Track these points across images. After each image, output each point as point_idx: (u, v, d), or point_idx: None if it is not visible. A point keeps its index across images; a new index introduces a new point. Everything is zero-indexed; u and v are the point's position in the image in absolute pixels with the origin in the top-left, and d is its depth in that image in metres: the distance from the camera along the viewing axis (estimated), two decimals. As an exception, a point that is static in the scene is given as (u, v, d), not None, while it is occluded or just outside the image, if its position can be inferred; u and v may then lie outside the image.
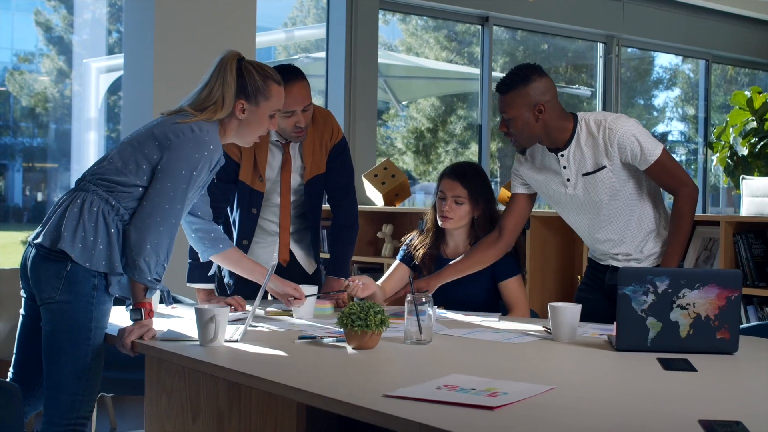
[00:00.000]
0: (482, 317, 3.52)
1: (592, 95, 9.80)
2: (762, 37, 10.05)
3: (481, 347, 2.89)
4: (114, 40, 8.14)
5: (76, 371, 2.92)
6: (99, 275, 2.94)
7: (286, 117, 3.63)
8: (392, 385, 2.24)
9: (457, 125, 9.93)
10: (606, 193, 3.42)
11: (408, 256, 3.91)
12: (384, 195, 6.40)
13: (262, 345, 2.83)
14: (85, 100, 8.05)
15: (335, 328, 3.13)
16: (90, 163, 3.28)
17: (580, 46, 9.89)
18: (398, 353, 2.76)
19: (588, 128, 3.40)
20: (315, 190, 3.86)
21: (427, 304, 2.89)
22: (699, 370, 2.51)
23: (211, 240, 3.34)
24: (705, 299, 2.73)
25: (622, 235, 3.49)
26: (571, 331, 2.97)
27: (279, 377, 2.35)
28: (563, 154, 3.44)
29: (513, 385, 2.24)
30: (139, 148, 3.00)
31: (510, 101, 3.37)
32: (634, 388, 2.31)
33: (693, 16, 9.36)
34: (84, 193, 2.98)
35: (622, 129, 3.35)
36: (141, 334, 2.90)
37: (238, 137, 3.18)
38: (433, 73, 9.92)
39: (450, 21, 8.73)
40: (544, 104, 3.35)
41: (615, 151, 3.36)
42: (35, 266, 2.96)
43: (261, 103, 3.12)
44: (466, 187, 3.73)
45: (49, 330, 2.93)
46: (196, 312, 2.79)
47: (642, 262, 3.50)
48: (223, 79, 3.07)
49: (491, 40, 8.28)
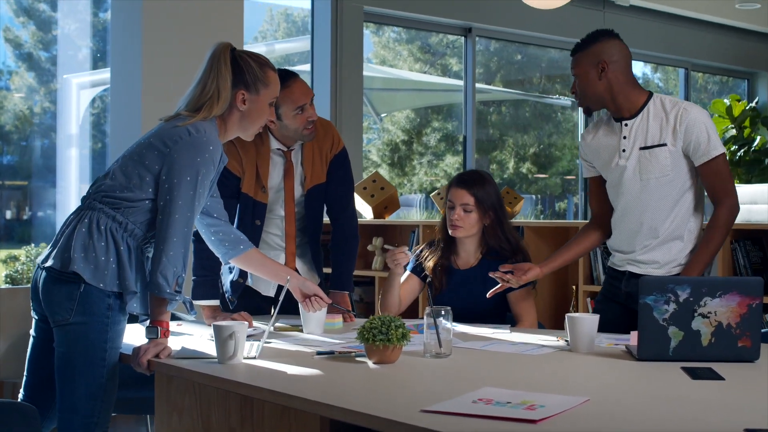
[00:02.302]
0: (493, 329, 3.50)
1: (573, 105, 9.84)
2: (740, 45, 10.14)
3: (502, 360, 2.87)
4: (84, 56, 8.07)
5: (90, 393, 2.87)
6: (113, 295, 2.89)
7: (297, 115, 3.61)
8: (425, 400, 2.21)
9: (432, 137, 9.93)
10: (655, 173, 3.41)
11: (418, 267, 3.89)
12: (373, 207, 6.37)
13: (281, 361, 2.80)
14: (65, 117, 7.98)
15: (351, 343, 3.10)
16: (72, 179, 3.23)
17: (554, 56, 9.93)
18: (420, 367, 2.73)
19: (662, 104, 3.44)
20: (315, 200, 3.83)
21: (447, 317, 2.87)
22: (726, 378, 2.51)
23: (231, 242, 3.28)
24: (726, 307, 2.73)
25: (656, 225, 3.45)
26: (590, 342, 2.96)
27: (309, 394, 2.32)
28: (627, 124, 3.46)
29: (547, 397, 2.23)
30: (140, 161, 2.95)
31: (577, 60, 3.50)
32: (668, 398, 2.30)
33: (671, 25, 9.43)
34: (90, 212, 2.94)
35: (696, 113, 3.37)
36: (157, 352, 2.85)
37: (241, 130, 3.12)
38: (412, 85, 9.92)
39: (424, 32, 8.75)
40: (608, 63, 3.42)
41: (681, 132, 3.36)
42: (47, 288, 2.91)
43: (261, 91, 3.07)
44: (473, 195, 3.72)
45: (64, 351, 2.88)
46: (214, 329, 2.76)
47: (662, 267, 3.48)
48: (217, 71, 3.01)
49: (474, 51, 8.30)
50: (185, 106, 3.03)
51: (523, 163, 9.98)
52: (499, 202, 3.78)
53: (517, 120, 10.18)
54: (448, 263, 3.84)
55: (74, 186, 7.30)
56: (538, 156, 10.15)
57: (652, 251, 3.47)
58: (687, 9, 9.24)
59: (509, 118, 10.17)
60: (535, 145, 10.11)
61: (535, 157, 10.10)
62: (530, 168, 9.95)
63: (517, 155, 9.92)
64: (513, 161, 9.88)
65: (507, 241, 3.77)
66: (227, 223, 3.29)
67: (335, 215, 3.90)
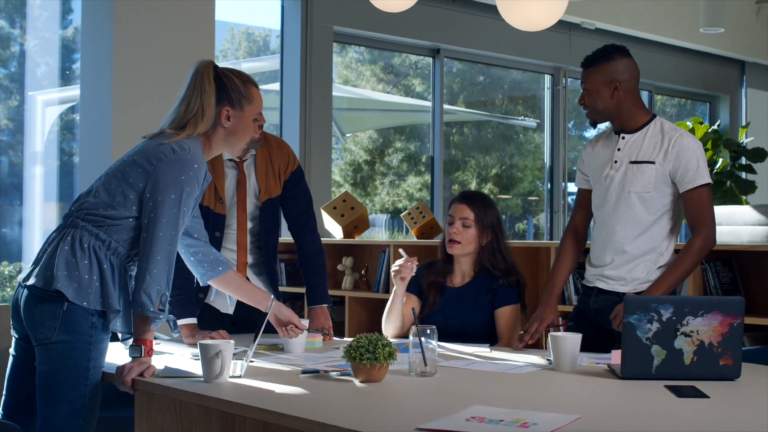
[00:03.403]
0: (473, 347, 3.52)
1: (538, 126, 9.91)
2: (703, 69, 10.29)
3: (488, 378, 2.89)
4: (42, 72, 8.01)
5: (72, 411, 2.85)
6: (96, 313, 2.87)
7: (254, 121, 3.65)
8: (418, 418, 2.22)
9: (395, 157, 9.95)
10: (637, 188, 3.47)
11: (414, 284, 3.89)
12: (343, 227, 6.37)
13: (266, 380, 2.79)
14: (30, 134, 7.92)
15: (335, 362, 3.10)
16: (37, 197, 3.22)
17: (517, 77, 10.00)
18: (408, 386, 2.74)
19: (662, 126, 3.52)
20: (270, 215, 3.85)
21: (431, 336, 2.88)
22: (710, 396, 2.54)
23: (210, 263, 3.26)
24: (708, 326, 2.77)
25: (626, 241, 3.51)
26: (573, 361, 2.99)
27: (300, 412, 2.32)
28: (624, 137, 3.54)
29: (538, 415, 2.24)
30: (124, 179, 2.94)
31: (589, 74, 3.55)
32: (656, 416, 2.33)
33: (637, 49, 9.54)
34: (73, 230, 2.92)
35: (689, 141, 3.45)
36: (141, 371, 2.83)
37: (227, 146, 3.12)
38: (376, 105, 9.94)
39: (387, 53, 8.79)
40: (620, 82, 3.48)
41: (672, 156, 3.42)
42: (29, 307, 2.88)
43: (245, 108, 3.07)
44: (473, 211, 3.77)
45: (45, 370, 2.86)
46: (200, 348, 2.74)
47: (628, 284, 3.52)
48: (201, 89, 3.00)
49: (442, 71, 8.35)
50: (169, 124, 3.02)
51: (486, 184, 10.02)
52: (499, 224, 3.83)
53: (479, 141, 10.23)
54: (443, 282, 3.86)
55: (38, 203, 7.24)
56: (500, 177, 10.20)
57: (620, 268, 3.54)
58: (652, 33, 9.37)
59: (472, 139, 10.22)
60: (497, 166, 10.16)
61: (497, 178, 10.14)
62: (492, 189, 9.99)
63: (480, 176, 9.95)
64: (475, 182, 9.91)
65: (503, 261, 3.80)
66: (207, 243, 3.28)
67: (298, 232, 3.94)
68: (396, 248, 5.90)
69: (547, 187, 9.66)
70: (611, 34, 9.23)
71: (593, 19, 8.81)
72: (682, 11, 9.38)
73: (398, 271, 3.69)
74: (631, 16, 9.11)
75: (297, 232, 3.94)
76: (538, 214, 10.26)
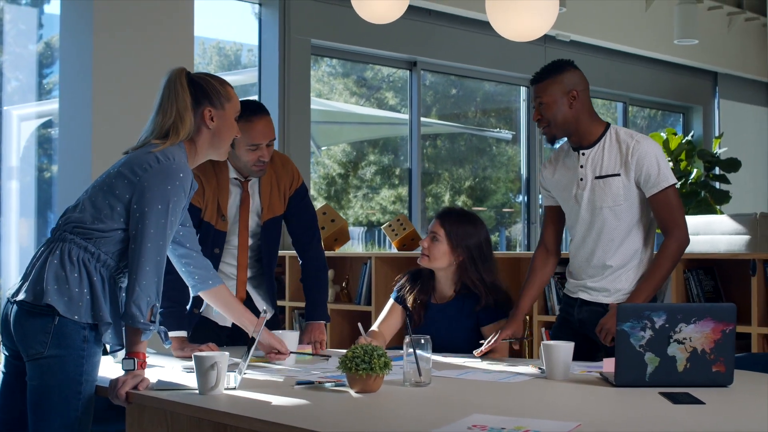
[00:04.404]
0: (464, 358, 3.53)
1: (513, 138, 9.96)
2: (676, 80, 10.39)
3: (482, 387, 2.89)
4: (13, 88, 7.98)
5: (65, 426, 2.82)
6: (88, 327, 2.85)
7: (250, 151, 3.63)
8: (419, 427, 2.24)
9: (368, 170, 9.96)
10: (608, 203, 3.49)
11: (400, 298, 3.90)
12: (324, 240, 6.38)
13: (262, 391, 2.78)
14: (6, 149, 7.87)
15: (328, 373, 3.10)
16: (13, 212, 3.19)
17: (489, 89, 10.04)
18: (403, 396, 2.74)
19: (617, 136, 3.52)
20: (271, 232, 3.84)
21: (426, 346, 2.88)
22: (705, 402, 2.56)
23: (201, 276, 3.24)
24: (701, 333, 2.79)
25: (606, 255, 3.53)
26: (565, 369, 3.00)
27: (302, 423, 2.31)
28: (584, 153, 3.53)
29: (539, 422, 2.25)
30: (110, 191, 2.92)
31: (545, 87, 3.53)
32: (654, 421, 2.34)
33: (611, 60, 9.63)
34: (61, 243, 2.89)
35: (646, 146, 3.45)
36: (135, 384, 2.81)
37: (213, 149, 3.08)
38: (351, 118, 9.95)
39: (360, 65, 8.81)
40: (577, 92, 3.50)
41: (633, 164, 3.44)
42: (19, 322, 2.85)
43: (225, 106, 3.05)
44: (443, 226, 3.75)
45: (37, 385, 2.82)
46: (195, 360, 2.73)
47: (611, 295, 3.55)
48: (174, 95, 2.98)
49: (419, 84, 8.39)
50: (151, 135, 3.00)
51: (459, 196, 10.04)
52: (477, 242, 3.75)
53: (452, 153, 10.26)
54: (426, 298, 3.86)
55: (14, 219, 7.19)
56: (473, 189, 10.22)
57: (603, 280, 3.56)
58: (626, 44, 9.44)
59: (445, 151, 10.24)
60: (470, 179, 10.19)
61: (470, 191, 10.17)
62: (466, 201, 10.01)
63: (453, 188, 9.98)
64: (449, 194, 9.93)
65: (481, 281, 3.74)
66: (199, 254, 3.26)
67: (303, 248, 3.93)
68: (377, 260, 5.91)
69: (524, 199, 9.70)
70: (586, 46, 9.31)
71: (568, 31, 8.88)
72: (657, 23, 9.47)
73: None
74: (605, 29, 9.19)
75: (301, 249, 3.93)
76: (510, 226, 10.30)
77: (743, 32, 10.59)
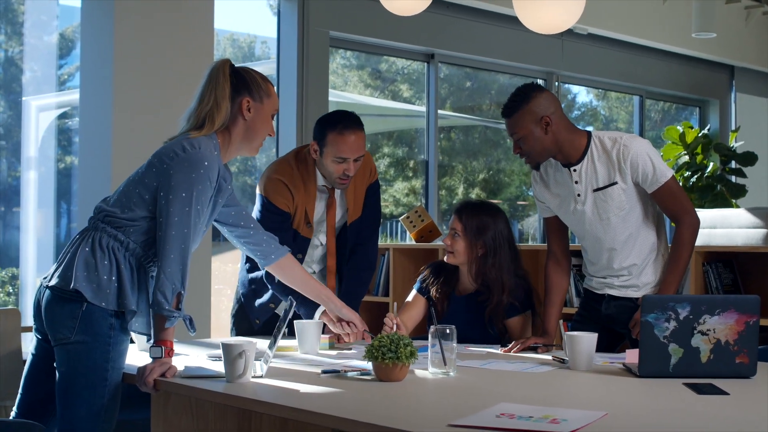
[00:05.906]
0: (486, 348, 3.55)
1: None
2: (693, 73, 10.36)
3: (507, 377, 2.92)
4: (27, 79, 8.02)
5: (91, 413, 2.85)
6: (115, 314, 2.88)
7: (337, 163, 3.65)
8: (447, 415, 2.25)
9: (382, 163, 9.98)
10: (614, 212, 3.48)
11: (424, 288, 3.92)
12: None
13: (288, 380, 2.80)
14: (25, 139, 7.92)
15: (352, 362, 3.12)
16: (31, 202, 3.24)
17: (504, 81, 10.03)
18: (429, 385, 2.76)
19: (602, 144, 3.48)
20: (351, 234, 3.89)
21: (450, 336, 2.90)
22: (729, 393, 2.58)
23: (262, 251, 3.32)
24: (725, 325, 2.80)
25: (625, 259, 3.54)
26: (589, 360, 3.02)
27: (330, 410, 2.33)
28: (575, 169, 3.50)
29: (566, 411, 2.27)
30: (140, 180, 2.96)
31: (516, 121, 3.45)
32: (679, 412, 2.36)
33: (629, 54, 9.61)
34: (94, 232, 2.94)
35: (636, 147, 3.43)
36: (162, 371, 2.83)
37: (246, 141, 3.09)
38: (367, 110, 9.95)
39: (374, 57, 8.82)
40: (549, 117, 3.42)
41: (627, 169, 3.43)
42: (50, 307, 2.90)
43: (264, 101, 3.07)
44: (461, 222, 3.76)
45: (65, 371, 2.86)
46: (223, 348, 2.76)
47: (640, 290, 3.56)
48: (215, 83, 3.01)
49: (437, 76, 8.39)
50: (187, 124, 3.03)
51: (473, 189, 10.04)
52: (495, 235, 3.76)
53: (466, 146, 10.26)
54: (450, 290, 3.87)
55: (32, 208, 7.24)
56: (487, 182, 10.22)
57: (630, 278, 3.58)
58: (644, 38, 9.42)
59: (459, 143, 10.24)
60: (484, 171, 10.19)
61: (484, 183, 10.17)
62: (479, 194, 10.01)
63: (467, 181, 9.98)
64: (462, 187, 9.94)
65: (499, 276, 3.74)
66: (257, 230, 3.32)
67: (360, 242, 3.93)
68: (395, 251, 5.93)
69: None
70: (603, 39, 9.29)
71: (586, 24, 8.86)
72: (674, 16, 9.45)
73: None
74: (623, 21, 9.17)
75: (359, 242, 3.93)
76: (524, 219, 10.30)
77: (761, 26, 10.55)
